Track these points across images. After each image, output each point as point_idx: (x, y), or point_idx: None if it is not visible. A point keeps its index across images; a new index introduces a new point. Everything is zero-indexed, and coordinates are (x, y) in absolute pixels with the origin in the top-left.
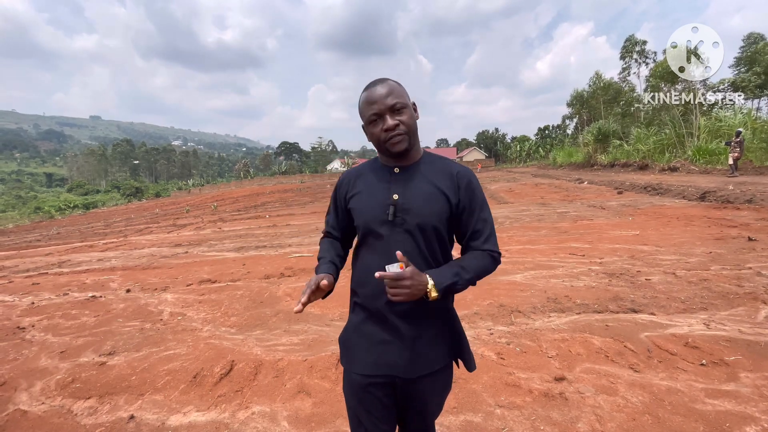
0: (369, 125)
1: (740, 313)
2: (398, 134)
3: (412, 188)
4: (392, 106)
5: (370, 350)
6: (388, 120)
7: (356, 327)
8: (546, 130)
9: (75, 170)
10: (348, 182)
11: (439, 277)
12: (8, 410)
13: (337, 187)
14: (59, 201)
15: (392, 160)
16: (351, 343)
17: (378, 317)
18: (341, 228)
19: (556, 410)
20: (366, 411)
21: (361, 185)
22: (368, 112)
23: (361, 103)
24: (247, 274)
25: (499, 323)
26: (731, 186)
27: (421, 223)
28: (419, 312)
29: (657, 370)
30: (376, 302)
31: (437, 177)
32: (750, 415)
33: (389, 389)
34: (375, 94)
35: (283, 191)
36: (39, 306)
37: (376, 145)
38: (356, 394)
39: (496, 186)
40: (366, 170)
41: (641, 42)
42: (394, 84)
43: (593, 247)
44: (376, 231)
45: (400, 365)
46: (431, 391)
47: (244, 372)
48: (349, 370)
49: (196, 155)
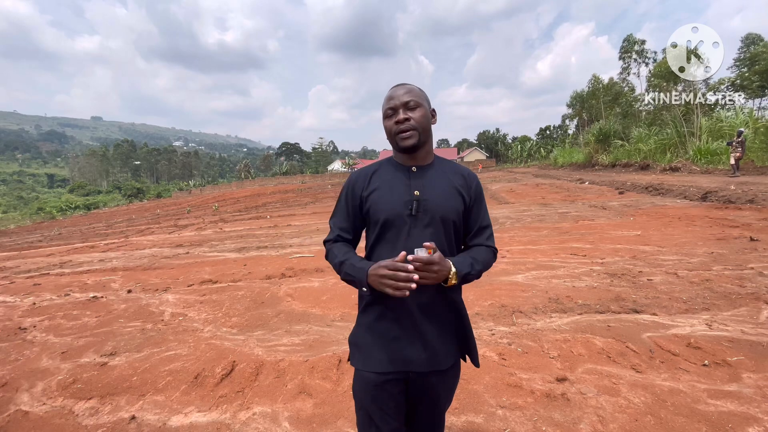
0: (385, 119)
1: (742, 314)
2: (408, 128)
3: (432, 185)
4: (407, 103)
5: (385, 348)
6: (400, 114)
7: (369, 326)
8: (547, 130)
9: (76, 171)
10: (363, 180)
11: (460, 266)
12: (9, 411)
13: (349, 187)
14: (61, 202)
15: (407, 159)
16: (363, 342)
17: (394, 313)
18: (353, 229)
19: (558, 411)
20: (379, 408)
21: (378, 182)
22: (386, 107)
23: (383, 101)
24: (248, 274)
25: (500, 324)
26: (733, 186)
27: (442, 218)
28: (438, 305)
29: (659, 371)
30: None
31: (452, 176)
32: (753, 415)
33: (402, 385)
34: (395, 92)
35: (284, 192)
36: (40, 307)
37: (389, 139)
38: (370, 393)
39: (497, 186)
40: (381, 168)
41: (640, 42)
42: (415, 87)
43: (595, 248)
44: (396, 226)
45: (416, 360)
46: (443, 383)
47: (245, 372)
48: (362, 370)
49: (198, 156)
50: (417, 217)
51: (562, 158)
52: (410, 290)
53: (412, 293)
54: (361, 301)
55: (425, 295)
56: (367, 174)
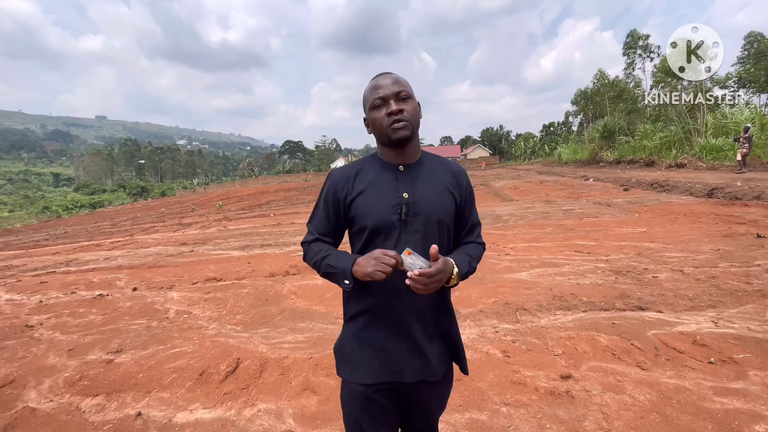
0: (372, 110)
1: (749, 311)
2: (401, 119)
3: (421, 186)
4: (398, 93)
5: (374, 357)
6: (392, 104)
7: (355, 335)
8: (551, 127)
9: (81, 170)
10: (345, 182)
11: (461, 264)
12: (17, 408)
13: (330, 190)
14: (66, 200)
15: (394, 156)
16: (351, 351)
17: (384, 320)
18: (334, 234)
19: (562, 408)
20: (370, 419)
21: (363, 184)
22: (373, 96)
23: (367, 91)
24: (252, 272)
25: (504, 321)
26: (739, 182)
27: (433, 220)
28: (431, 309)
29: (665, 369)
30: (393, 303)
31: (442, 175)
32: (759, 413)
33: (393, 394)
34: (381, 81)
35: (288, 190)
36: (47, 304)
37: (378, 132)
38: (359, 404)
39: (500, 183)
40: (364, 168)
41: (644, 36)
42: (400, 77)
43: (599, 245)
44: (386, 231)
45: (407, 370)
46: (435, 393)
47: (249, 370)
48: (350, 381)
49: (201, 154)
50: (407, 222)
51: (566, 155)
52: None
53: (405, 297)
54: (347, 309)
55: (419, 298)
56: (349, 176)
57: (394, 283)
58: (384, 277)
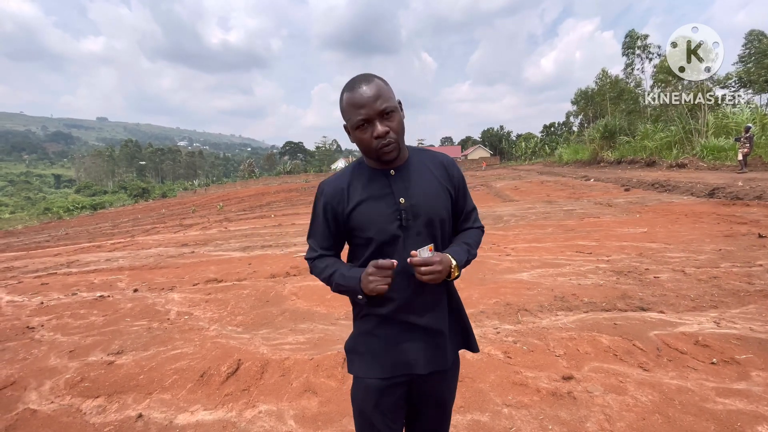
0: (356, 130)
1: (751, 311)
2: (390, 142)
3: (415, 188)
4: (382, 111)
5: (388, 352)
6: (378, 127)
7: (368, 332)
8: (551, 127)
9: (82, 171)
10: (339, 195)
11: (458, 256)
12: (18, 409)
13: (325, 204)
14: (67, 202)
15: (383, 162)
16: (364, 349)
17: (397, 317)
18: (335, 247)
19: (564, 409)
20: (382, 414)
21: (357, 195)
22: (355, 117)
23: (345, 104)
24: (253, 273)
25: (505, 322)
26: (740, 182)
27: (433, 220)
28: (440, 300)
29: (667, 369)
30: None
31: (432, 170)
32: (762, 414)
33: (405, 387)
34: (363, 97)
35: (288, 191)
36: (48, 306)
37: (365, 150)
38: (373, 399)
39: (501, 184)
40: (354, 177)
41: (643, 36)
42: (381, 84)
43: (600, 245)
44: (389, 240)
45: (419, 362)
46: (445, 382)
47: (250, 371)
48: (364, 377)
49: (202, 155)
50: (408, 227)
51: (567, 155)
52: (411, 289)
53: (414, 292)
54: (356, 308)
55: (426, 292)
56: (342, 187)
57: (402, 285)
58: (387, 287)
